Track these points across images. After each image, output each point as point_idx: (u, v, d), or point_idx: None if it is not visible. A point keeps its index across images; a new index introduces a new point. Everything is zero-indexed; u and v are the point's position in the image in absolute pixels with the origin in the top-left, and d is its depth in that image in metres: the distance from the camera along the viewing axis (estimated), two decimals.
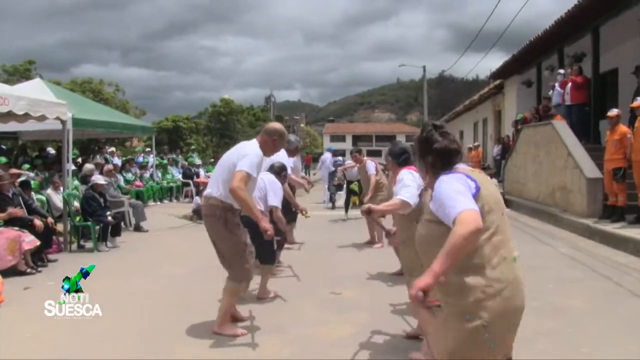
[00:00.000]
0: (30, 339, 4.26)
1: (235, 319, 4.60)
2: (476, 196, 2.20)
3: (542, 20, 19.75)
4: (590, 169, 9.84)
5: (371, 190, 8.15)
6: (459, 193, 2.18)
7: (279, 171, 5.83)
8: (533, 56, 16.08)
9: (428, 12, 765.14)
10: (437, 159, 2.41)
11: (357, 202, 13.98)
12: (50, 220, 7.77)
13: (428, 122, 2.56)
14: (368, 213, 3.81)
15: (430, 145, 2.43)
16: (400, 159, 4.17)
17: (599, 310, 4.90)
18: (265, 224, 4.13)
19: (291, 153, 6.95)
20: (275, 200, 5.54)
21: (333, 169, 15.27)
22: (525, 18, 17.37)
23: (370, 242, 8.63)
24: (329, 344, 4.08)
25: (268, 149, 4.27)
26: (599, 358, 3.70)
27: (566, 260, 7.13)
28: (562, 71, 13.32)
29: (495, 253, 2.22)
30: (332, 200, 15.17)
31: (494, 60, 22.45)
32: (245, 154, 4.09)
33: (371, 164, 8.58)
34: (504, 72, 19.44)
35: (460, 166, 2.41)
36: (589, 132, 12.29)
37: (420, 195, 3.71)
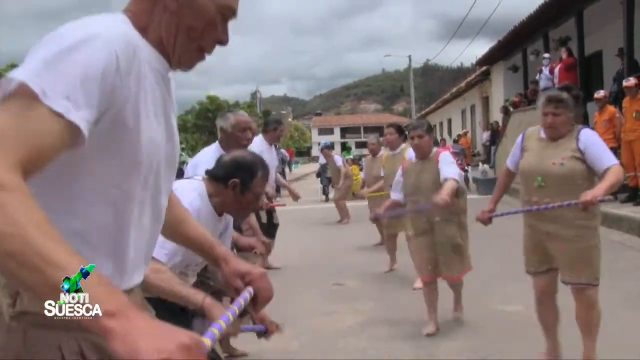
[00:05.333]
0: None
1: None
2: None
3: (523, 9, 19.86)
4: None
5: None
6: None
7: None
8: (518, 41, 16.18)
9: (413, 2, 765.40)
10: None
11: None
12: None
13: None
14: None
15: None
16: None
17: (602, 285, 4.95)
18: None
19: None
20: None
21: (325, 161, 14.88)
22: (509, 4, 17.45)
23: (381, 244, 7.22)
24: (338, 333, 4.11)
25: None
26: (606, 331, 3.76)
27: None
28: (547, 55, 13.41)
29: None
30: (325, 192, 14.99)
31: (479, 47, 22.65)
32: None
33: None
34: (489, 59, 19.52)
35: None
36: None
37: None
